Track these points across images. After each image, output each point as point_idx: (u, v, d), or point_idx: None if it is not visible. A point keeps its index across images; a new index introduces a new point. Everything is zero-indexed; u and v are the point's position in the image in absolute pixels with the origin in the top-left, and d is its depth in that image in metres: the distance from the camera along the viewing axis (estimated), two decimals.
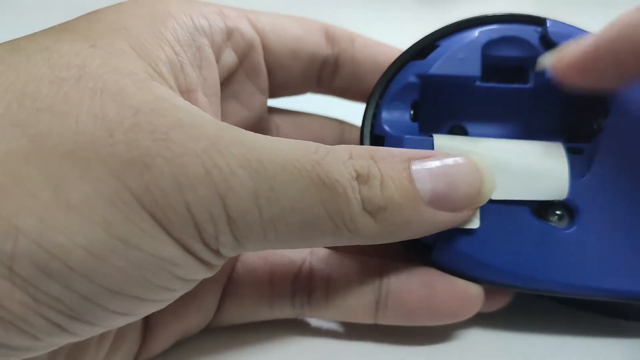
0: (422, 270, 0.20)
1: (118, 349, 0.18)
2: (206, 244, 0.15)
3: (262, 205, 0.15)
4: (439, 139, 0.19)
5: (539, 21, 0.20)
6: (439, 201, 0.17)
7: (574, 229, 0.19)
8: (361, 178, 0.16)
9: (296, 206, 0.15)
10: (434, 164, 0.17)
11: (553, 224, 0.19)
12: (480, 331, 0.21)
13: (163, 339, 0.19)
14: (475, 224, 0.18)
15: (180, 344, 0.20)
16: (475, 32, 0.20)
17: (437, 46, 0.20)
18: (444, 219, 0.17)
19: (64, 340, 0.15)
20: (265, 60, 0.22)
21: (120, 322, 0.16)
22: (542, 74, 0.20)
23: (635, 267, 0.19)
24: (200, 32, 0.19)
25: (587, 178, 0.19)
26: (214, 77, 0.19)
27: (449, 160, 0.18)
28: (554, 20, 0.20)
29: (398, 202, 0.16)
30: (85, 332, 0.15)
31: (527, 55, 0.20)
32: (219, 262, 0.16)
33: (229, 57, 0.20)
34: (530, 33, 0.20)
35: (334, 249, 0.21)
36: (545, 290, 0.19)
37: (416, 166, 0.17)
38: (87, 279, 0.14)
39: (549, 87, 0.20)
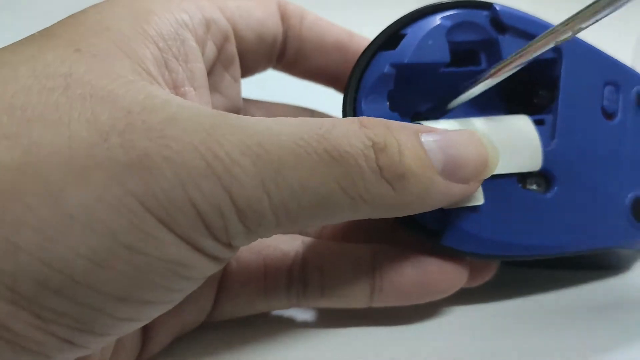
0: (412, 253, 0.20)
1: (119, 354, 0.18)
2: (216, 239, 0.15)
3: (270, 190, 0.15)
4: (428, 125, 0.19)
5: (486, 5, 0.21)
6: (450, 171, 0.17)
7: (552, 193, 0.21)
8: (377, 145, 0.16)
9: (307, 185, 0.15)
10: (440, 136, 0.17)
11: (535, 191, 0.21)
12: (466, 306, 0.22)
13: (162, 338, 0.19)
14: (480, 200, 0.19)
15: (178, 341, 0.20)
16: (437, 19, 0.21)
17: (404, 35, 0.20)
18: (456, 191, 0.18)
19: (74, 355, 0.15)
20: (237, 48, 0.21)
21: (130, 328, 0.15)
22: (492, 55, 0.21)
23: (607, 220, 0.21)
24: (182, 26, 0.18)
25: (553, 146, 0.21)
26: (201, 70, 0.19)
27: (454, 134, 0.18)
28: (500, 5, 0.21)
29: (416, 171, 0.16)
30: (95, 344, 0.15)
31: (481, 39, 0.21)
32: (230, 255, 0.16)
33: (211, 49, 0.20)
34: (481, 17, 0.21)
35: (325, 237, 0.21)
36: (546, 255, 0.20)
37: (426, 138, 0.17)
38: (93, 290, 0.13)
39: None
